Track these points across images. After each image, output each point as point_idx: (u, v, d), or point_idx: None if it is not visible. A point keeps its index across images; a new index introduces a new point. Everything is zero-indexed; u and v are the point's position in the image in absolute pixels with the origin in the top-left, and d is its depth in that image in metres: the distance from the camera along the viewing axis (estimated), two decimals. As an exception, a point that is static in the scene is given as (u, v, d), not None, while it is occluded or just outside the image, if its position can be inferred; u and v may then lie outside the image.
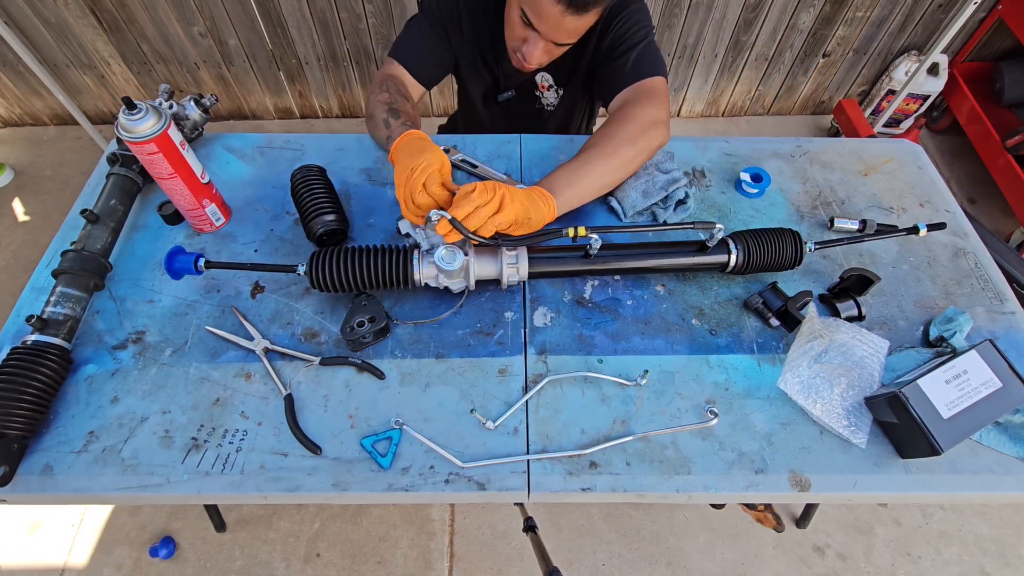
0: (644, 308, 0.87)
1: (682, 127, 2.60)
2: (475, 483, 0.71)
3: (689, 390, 0.79)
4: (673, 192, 0.95)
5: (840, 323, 0.82)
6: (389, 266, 0.79)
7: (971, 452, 0.75)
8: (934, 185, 1.05)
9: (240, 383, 0.79)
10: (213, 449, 0.73)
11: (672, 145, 1.07)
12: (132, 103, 0.76)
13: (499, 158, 1.05)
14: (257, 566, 1.53)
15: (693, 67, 2.40)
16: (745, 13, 2.18)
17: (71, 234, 0.89)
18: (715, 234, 0.82)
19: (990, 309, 0.88)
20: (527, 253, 0.82)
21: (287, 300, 0.87)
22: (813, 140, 1.11)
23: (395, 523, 1.60)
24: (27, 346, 0.74)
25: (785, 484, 0.72)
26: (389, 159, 0.89)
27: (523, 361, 0.81)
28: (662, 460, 0.73)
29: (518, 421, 0.76)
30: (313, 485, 0.71)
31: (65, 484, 0.71)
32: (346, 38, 2.24)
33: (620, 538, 1.59)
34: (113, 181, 0.92)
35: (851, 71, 2.48)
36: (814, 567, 1.55)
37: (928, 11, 2.21)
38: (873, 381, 0.78)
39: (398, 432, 0.74)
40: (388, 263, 0.79)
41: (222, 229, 0.95)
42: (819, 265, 0.93)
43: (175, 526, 1.59)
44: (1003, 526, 1.62)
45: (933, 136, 2.58)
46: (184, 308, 0.86)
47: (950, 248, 0.96)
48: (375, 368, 0.79)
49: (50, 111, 2.51)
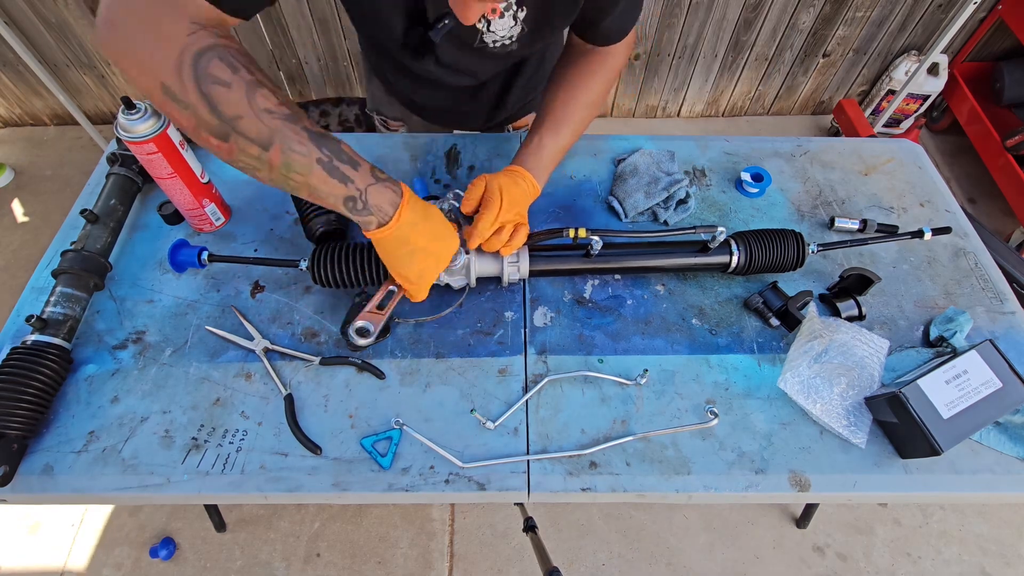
0: (644, 308, 0.87)
1: (682, 127, 2.60)
2: (475, 483, 0.71)
3: (689, 390, 0.79)
4: (675, 192, 0.95)
5: (840, 323, 0.82)
6: None
7: (971, 452, 0.75)
8: (934, 185, 1.05)
9: (240, 383, 0.79)
10: (213, 449, 0.73)
11: (673, 145, 1.07)
12: (131, 103, 0.76)
13: (499, 158, 1.05)
14: (257, 566, 1.53)
15: (693, 67, 2.40)
16: (745, 13, 2.18)
17: (71, 234, 0.89)
18: (717, 236, 0.82)
19: (990, 309, 0.88)
20: (528, 252, 0.82)
21: (287, 300, 0.87)
22: (813, 140, 1.10)
23: (395, 523, 1.60)
24: (27, 346, 0.74)
25: (785, 484, 0.72)
26: (369, 235, 0.66)
27: (523, 361, 0.81)
28: (662, 460, 0.73)
29: (518, 421, 0.76)
30: (313, 485, 0.71)
31: (65, 484, 0.71)
32: (346, 38, 2.24)
33: (620, 538, 1.59)
34: (113, 181, 0.92)
35: (851, 71, 2.48)
36: (814, 567, 1.55)
37: (928, 11, 2.21)
38: (873, 381, 0.78)
39: (398, 432, 0.74)
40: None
41: (222, 229, 0.95)
42: (819, 265, 0.93)
43: (175, 526, 1.59)
44: (1003, 526, 1.62)
45: (933, 136, 2.58)
46: (184, 308, 0.86)
47: (950, 248, 0.96)
48: (375, 368, 0.79)
49: (50, 111, 2.51)
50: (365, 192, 0.62)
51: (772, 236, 0.85)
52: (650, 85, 2.48)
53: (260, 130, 0.56)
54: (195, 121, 0.55)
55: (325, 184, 0.60)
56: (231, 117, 0.55)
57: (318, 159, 0.59)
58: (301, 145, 0.58)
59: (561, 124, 0.84)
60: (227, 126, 0.55)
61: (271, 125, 0.56)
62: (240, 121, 0.55)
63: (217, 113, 0.54)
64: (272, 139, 0.56)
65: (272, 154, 0.57)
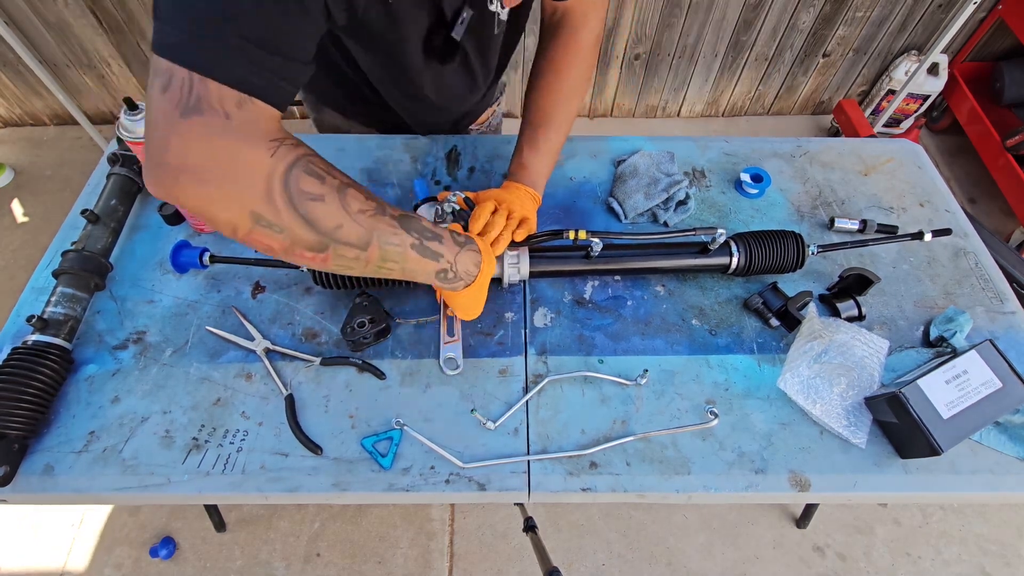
0: (644, 308, 0.87)
1: (682, 127, 2.60)
2: (475, 483, 0.71)
3: (689, 390, 0.79)
4: (674, 193, 0.95)
5: (840, 323, 0.82)
6: None
7: (971, 452, 0.75)
8: (934, 185, 1.05)
9: (241, 383, 0.79)
10: (214, 449, 0.73)
11: (672, 145, 1.07)
12: (133, 103, 0.76)
13: (499, 159, 1.05)
14: (257, 566, 1.53)
15: (693, 67, 2.40)
16: (745, 13, 2.18)
17: (71, 234, 0.89)
18: (717, 237, 0.82)
19: (990, 309, 0.88)
20: (528, 253, 0.82)
21: (287, 300, 0.87)
22: (813, 140, 1.10)
23: (395, 523, 1.60)
24: (28, 346, 0.74)
25: (785, 484, 0.72)
26: (453, 295, 0.70)
27: (523, 361, 0.81)
28: (662, 460, 0.73)
29: (518, 421, 0.76)
30: (313, 485, 0.71)
31: (65, 484, 0.71)
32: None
33: (620, 538, 1.59)
34: (113, 181, 0.92)
35: (851, 71, 2.48)
36: (814, 567, 1.55)
37: (928, 11, 2.21)
38: (873, 381, 0.78)
39: (399, 432, 0.74)
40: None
41: (222, 229, 0.95)
42: (819, 265, 0.93)
43: (175, 526, 1.59)
44: (1003, 526, 1.62)
45: (933, 136, 2.58)
46: (184, 308, 0.86)
47: (950, 248, 0.96)
48: (376, 368, 0.79)
49: (50, 111, 2.51)
50: (455, 263, 0.65)
51: (772, 237, 0.85)
52: (650, 85, 2.48)
53: (359, 234, 0.55)
54: (290, 242, 0.53)
55: (419, 264, 0.62)
56: (331, 229, 0.53)
57: (411, 244, 0.59)
58: (395, 236, 0.58)
59: (548, 126, 0.84)
60: (326, 239, 0.54)
61: (367, 225, 0.55)
62: (340, 231, 0.54)
63: (315, 229, 0.52)
64: (371, 239, 0.56)
65: (370, 252, 0.57)
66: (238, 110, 0.48)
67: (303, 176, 0.51)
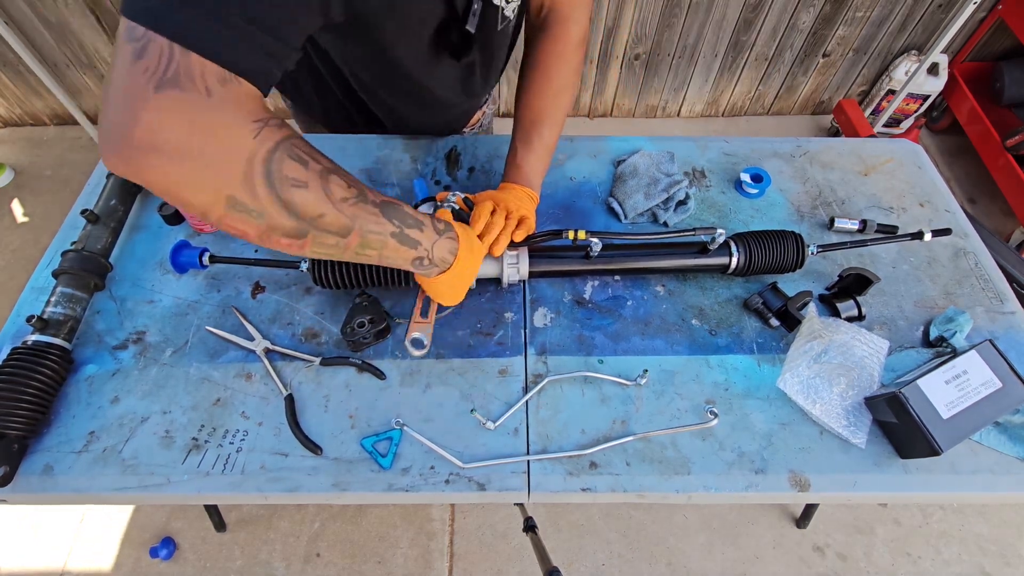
0: (644, 308, 0.87)
1: (682, 127, 2.60)
2: (475, 483, 0.71)
3: (689, 390, 0.79)
4: (674, 193, 0.95)
5: (840, 323, 0.82)
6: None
7: (971, 452, 0.75)
8: (934, 185, 1.05)
9: (240, 383, 0.79)
10: (213, 449, 0.73)
11: (672, 145, 1.07)
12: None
13: (499, 159, 1.05)
14: (257, 566, 1.53)
15: (693, 67, 2.40)
16: (745, 13, 2.18)
17: (71, 234, 0.89)
18: (716, 237, 0.82)
19: (990, 309, 0.88)
20: (527, 253, 0.82)
21: (287, 300, 0.87)
22: (813, 140, 1.10)
23: (395, 523, 1.60)
24: (27, 346, 0.74)
25: (785, 484, 0.72)
26: (427, 281, 0.71)
27: (523, 361, 0.81)
28: (662, 460, 0.73)
29: (518, 421, 0.76)
30: (313, 485, 0.71)
31: (65, 484, 0.71)
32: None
33: (620, 538, 1.59)
34: (113, 181, 0.92)
35: (851, 71, 2.48)
36: (814, 567, 1.55)
37: (928, 11, 2.21)
38: (873, 381, 0.78)
39: (398, 432, 0.74)
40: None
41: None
42: (819, 265, 0.93)
43: (175, 526, 1.59)
44: (1003, 526, 1.62)
45: (933, 136, 2.58)
46: (184, 308, 0.86)
47: (950, 248, 0.96)
48: (375, 368, 0.79)
49: (50, 111, 2.51)
50: (431, 250, 0.64)
51: (772, 237, 0.85)
52: (650, 85, 2.48)
53: (341, 222, 0.53)
54: (267, 227, 0.50)
55: (396, 252, 0.61)
56: (313, 217, 0.51)
57: (392, 233, 0.59)
58: (377, 224, 0.57)
59: (541, 124, 0.83)
60: (306, 226, 0.51)
61: (349, 213, 0.54)
62: (322, 219, 0.52)
63: (296, 216, 0.50)
64: (352, 226, 0.55)
65: (350, 239, 0.55)
66: (221, 87, 0.44)
67: (287, 160, 0.48)
